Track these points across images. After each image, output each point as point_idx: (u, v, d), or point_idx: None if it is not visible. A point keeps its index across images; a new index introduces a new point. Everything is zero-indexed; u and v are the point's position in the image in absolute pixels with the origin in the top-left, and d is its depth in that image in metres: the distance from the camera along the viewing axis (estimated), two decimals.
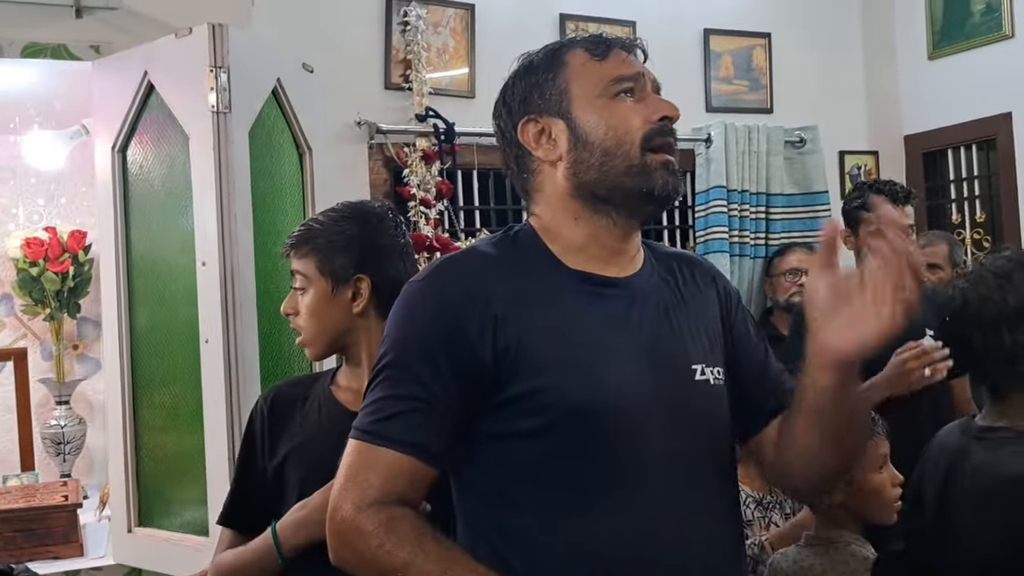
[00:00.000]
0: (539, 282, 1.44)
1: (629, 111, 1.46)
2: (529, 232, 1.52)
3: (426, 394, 1.36)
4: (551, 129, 1.48)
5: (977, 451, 1.80)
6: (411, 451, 1.36)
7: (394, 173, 4.22)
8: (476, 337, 1.37)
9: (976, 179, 5.09)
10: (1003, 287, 1.78)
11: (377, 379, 1.41)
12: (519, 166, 1.54)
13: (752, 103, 5.06)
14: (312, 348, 1.95)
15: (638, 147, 1.44)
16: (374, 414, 1.39)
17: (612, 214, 1.47)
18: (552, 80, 1.49)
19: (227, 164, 2.68)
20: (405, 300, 1.45)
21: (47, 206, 3.75)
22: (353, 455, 1.39)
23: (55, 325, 3.63)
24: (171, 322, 2.82)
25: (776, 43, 5.10)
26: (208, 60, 2.69)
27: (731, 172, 4.74)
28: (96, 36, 3.23)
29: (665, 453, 1.39)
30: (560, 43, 1.55)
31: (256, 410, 1.98)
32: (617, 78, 1.47)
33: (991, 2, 4.78)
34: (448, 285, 1.43)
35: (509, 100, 1.54)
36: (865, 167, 5.29)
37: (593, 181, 1.45)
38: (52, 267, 3.54)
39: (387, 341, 1.43)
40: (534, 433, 1.37)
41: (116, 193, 2.93)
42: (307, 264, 1.92)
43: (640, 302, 1.48)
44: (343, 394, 1.93)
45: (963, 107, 4.94)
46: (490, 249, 1.50)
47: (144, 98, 2.87)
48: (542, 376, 1.37)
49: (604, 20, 4.65)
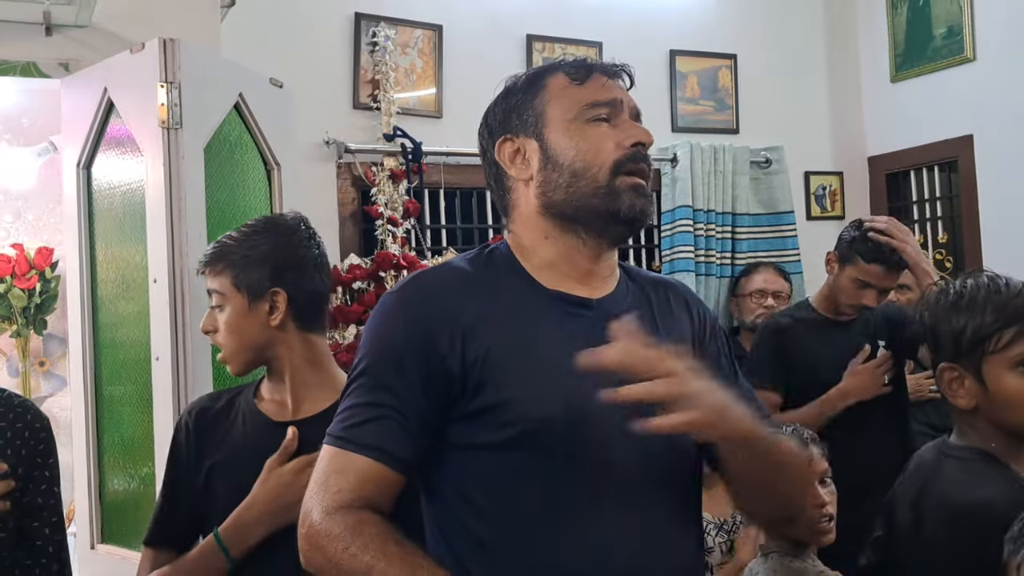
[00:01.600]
0: (511, 298, 1.48)
1: (602, 136, 1.49)
2: (504, 250, 1.56)
3: (397, 402, 1.41)
4: (525, 149, 1.53)
5: (946, 470, 1.79)
6: (381, 457, 1.40)
7: (362, 192, 4.25)
8: (446, 348, 1.41)
9: (938, 200, 5.16)
10: (934, 313, 1.82)
11: (351, 387, 1.46)
12: (497, 184, 1.60)
13: (718, 123, 5.11)
14: (233, 364, 1.95)
15: (608, 171, 1.47)
16: (346, 420, 1.43)
17: (581, 233, 1.51)
18: (530, 102, 1.54)
19: (178, 180, 2.68)
20: (379, 311, 1.49)
21: (14, 223, 3.75)
22: (325, 460, 1.43)
23: (21, 342, 3.63)
24: (132, 340, 2.82)
25: (742, 64, 5.17)
26: (159, 75, 2.69)
27: (697, 192, 4.79)
28: (65, 53, 3.24)
29: (625, 470, 1.42)
30: (545, 67, 1.58)
31: (180, 425, 1.97)
32: (592, 103, 1.50)
33: (953, 26, 4.86)
34: (420, 298, 1.47)
35: (491, 120, 1.59)
36: (830, 188, 5.35)
37: (561, 201, 1.49)
38: (19, 284, 3.54)
39: (361, 350, 1.47)
40: (499, 446, 1.40)
41: (81, 210, 2.94)
42: (223, 281, 1.92)
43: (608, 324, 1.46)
44: (267, 406, 1.93)
45: (925, 129, 5.03)
46: (464, 265, 1.54)
47: (105, 115, 2.88)
48: (507, 390, 1.40)
49: (571, 41, 4.70)
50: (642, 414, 1.39)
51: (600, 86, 1.53)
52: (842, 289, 3.10)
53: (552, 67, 1.57)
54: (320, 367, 1.96)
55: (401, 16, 4.33)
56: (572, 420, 1.40)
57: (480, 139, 1.62)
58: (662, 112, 4.98)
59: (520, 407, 1.39)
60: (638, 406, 1.37)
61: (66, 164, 3.02)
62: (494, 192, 1.62)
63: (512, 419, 1.39)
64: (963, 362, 1.76)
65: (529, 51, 4.60)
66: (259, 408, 1.93)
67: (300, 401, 1.92)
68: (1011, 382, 1.72)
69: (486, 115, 1.61)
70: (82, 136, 2.92)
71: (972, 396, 1.76)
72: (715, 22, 5.14)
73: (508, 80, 1.60)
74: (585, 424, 1.40)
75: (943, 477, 1.77)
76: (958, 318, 1.77)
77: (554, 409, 1.39)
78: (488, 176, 1.62)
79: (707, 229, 4.79)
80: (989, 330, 1.73)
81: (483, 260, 1.55)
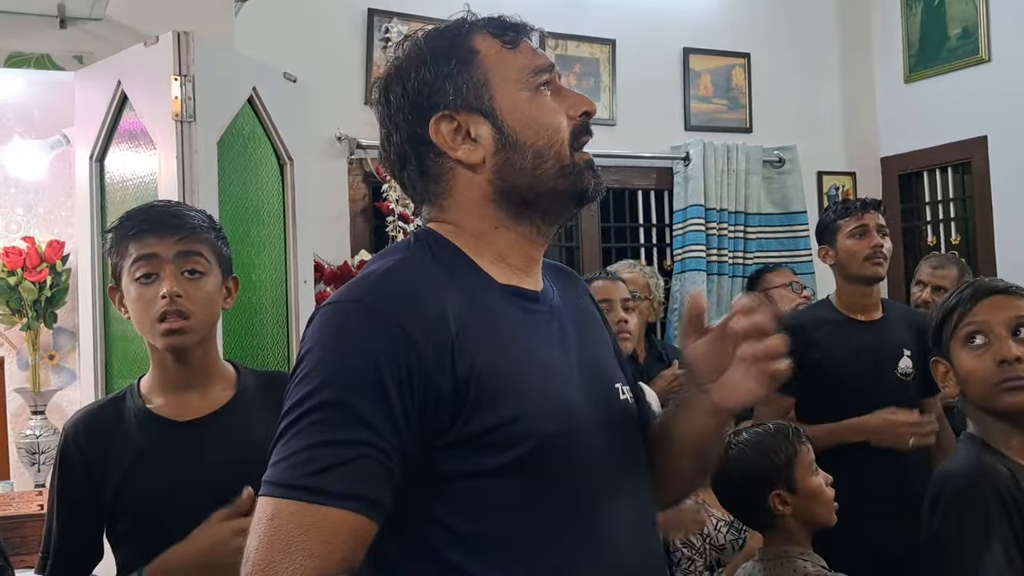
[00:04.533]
0: (476, 299, 1.26)
1: (553, 108, 1.33)
2: (443, 242, 1.33)
3: (374, 438, 1.13)
4: (470, 127, 1.31)
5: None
6: (362, 507, 1.12)
7: (373, 188, 4.25)
8: (433, 364, 1.16)
9: (951, 201, 5.15)
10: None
11: (302, 423, 1.14)
12: (421, 169, 1.34)
13: (731, 122, 5.10)
14: (193, 336, 1.81)
15: (567, 147, 1.33)
16: (305, 465, 1.11)
17: (537, 220, 1.34)
18: (465, 71, 1.31)
19: (191, 173, 2.68)
20: (336, 324, 1.20)
21: (26, 216, 3.74)
22: (279, 519, 1.11)
23: (31, 335, 3.62)
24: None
25: (755, 63, 5.15)
26: (173, 68, 2.70)
27: (709, 191, 4.78)
28: (79, 46, 3.25)
29: (614, 478, 1.30)
30: (459, 26, 1.36)
31: (66, 443, 1.84)
32: (535, 69, 1.33)
33: (967, 26, 4.85)
34: (395, 303, 1.19)
35: (411, 90, 1.32)
36: (843, 188, 5.33)
37: (524, 186, 1.31)
38: (30, 276, 3.54)
39: (316, 374, 1.16)
40: (501, 469, 1.20)
41: (94, 202, 2.94)
42: (207, 250, 1.85)
43: (559, 318, 1.36)
44: (160, 407, 1.85)
45: (939, 130, 5.01)
46: (417, 260, 1.30)
47: (119, 107, 2.88)
48: (509, 406, 1.20)
49: (583, 38, 4.70)
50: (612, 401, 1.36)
51: (531, 50, 1.36)
52: (851, 259, 3.07)
53: (470, 27, 1.35)
54: (219, 359, 1.93)
55: (414, 12, 4.31)
56: (572, 428, 1.25)
57: (390, 116, 1.35)
58: (675, 110, 4.98)
59: (528, 423, 1.20)
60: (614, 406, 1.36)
61: (79, 157, 3.02)
62: (411, 178, 1.36)
63: (519, 438, 1.20)
64: (943, 352, 1.89)
65: (543, 48, 4.58)
66: (151, 410, 1.83)
67: (204, 396, 1.85)
68: (964, 359, 1.85)
69: (400, 84, 1.34)
70: (95, 129, 2.92)
71: (954, 384, 1.88)
72: (729, 21, 5.13)
73: (414, 42, 1.36)
74: (579, 429, 1.26)
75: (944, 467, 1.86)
76: (938, 313, 1.92)
77: (559, 420, 1.24)
78: (403, 159, 1.35)
79: (719, 228, 4.78)
80: (950, 315, 1.88)
81: (429, 256, 1.30)
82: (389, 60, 1.37)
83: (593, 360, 1.37)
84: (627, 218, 5.04)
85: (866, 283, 3.10)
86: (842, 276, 3.15)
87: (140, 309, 1.82)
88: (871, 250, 3.04)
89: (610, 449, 1.30)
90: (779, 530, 2.20)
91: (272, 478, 1.14)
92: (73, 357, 3.67)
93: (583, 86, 4.71)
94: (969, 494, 1.70)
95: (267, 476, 1.15)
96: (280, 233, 3.06)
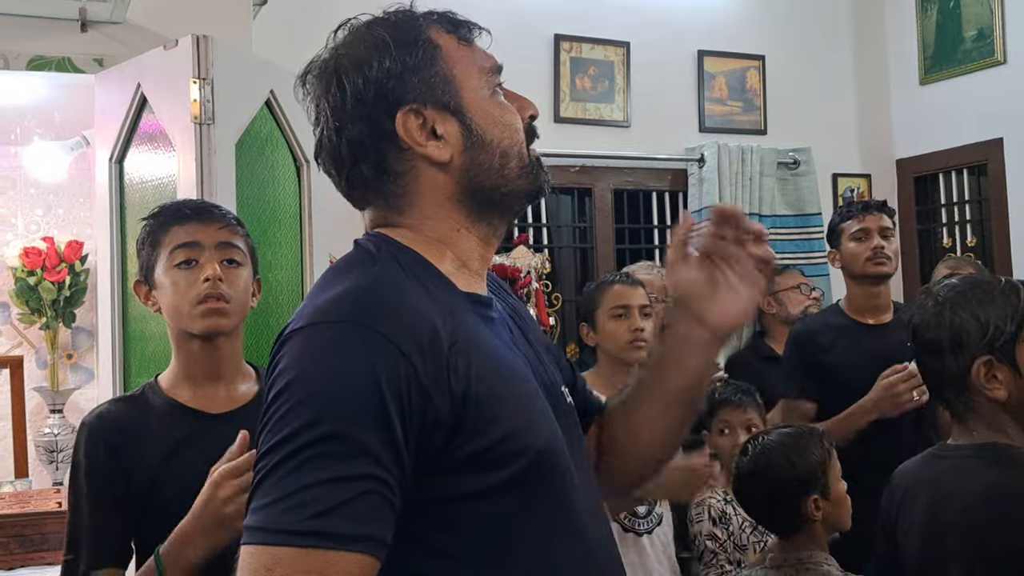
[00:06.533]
0: (453, 311, 1.18)
1: (510, 107, 1.30)
2: (405, 250, 1.24)
3: (378, 470, 1.03)
4: (436, 124, 1.24)
5: (944, 475, 1.82)
6: (369, 548, 1.03)
7: None
8: (431, 384, 1.08)
9: (967, 204, 5.14)
10: (940, 314, 1.81)
11: (296, 458, 1.03)
12: (379, 164, 1.25)
13: (746, 124, 5.11)
14: (231, 320, 1.86)
15: (525, 147, 1.30)
16: (307, 507, 1.00)
17: (495, 220, 1.30)
18: (430, 65, 1.25)
19: (209, 175, 2.71)
20: (330, 347, 1.09)
21: (45, 216, 3.78)
22: (281, 570, 1.00)
23: (50, 334, 3.65)
24: (161, 333, 2.83)
25: (770, 65, 5.16)
26: (192, 71, 2.73)
27: (724, 192, 4.78)
28: (100, 49, 3.29)
29: (579, 480, 1.24)
30: (412, 16, 1.29)
31: (93, 444, 1.81)
32: (492, 69, 1.30)
33: (983, 28, 4.84)
34: (390, 323, 1.09)
35: (374, 80, 1.23)
36: (858, 190, 5.33)
37: (491, 185, 1.26)
38: (49, 276, 3.57)
39: (310, 404, 1.05)
40: (494, 490, 1.13)
41: (113, 204, 2.97)
42: (243, 244, 1.92)
43: (507, 323, 1.32)
44: (190, 399, 1.86)
45: (954, 132, 5.00)
46: (395, 274, 1.19)
47: (138, 110, 2.92)
48: (501, 423, 1.13)
49: (598, 40, 4.72)
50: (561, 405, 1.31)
51: (483, 49, 1.32)
52: (853, 261, 3.12)
53: (423, 17, 1.29)
54: (243, 355, 1.96)
55: None
56: (553, 439, 1.20)
57: (344, 107, 1.24)
58: (690, 112, 4.98)
59: (522, 439, 1.14)
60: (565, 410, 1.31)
61: (99, 158, 3.06)
62: (363, 176, 1.26)
63: (515, 454, 1.13)
64: (997, 353, 1.76)
65: (556, 50, 4.61)
66: (182, 403, 1.85)
67: (229, 391, 1.88)
68: None
69: (349, 75, 1.24)
70: (115, 131, 2.96)
71: (1008, 386, 1.76)
72: (743, 23, 5.13)
73: (366, 30, 1.27)
74: (556, 438, 1.21)
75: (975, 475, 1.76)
76: (983, 311, 1.77)
77: (545, 432, 1.19)
78: (356, 154, 1.25)
79: None
80: (1021, 315, 1.75)
81: (397, 266, 1.21)
82: (328, 45, 1.30)
83: (541, 365, 1.32)
84: (641, 219, 5.05)
85: (871, 283, 3.13)
86: (849, 278, 3.20)
87: (177, 294, 1.84)
88: (872, 251, 3.08)
89: (571, 452, 1.25)
90: (804, 534, 2.19)
91: (265, 523, 1.02)
92: (91, 356, 3.71)
93: (598, 88, 4.73)
94: None
95: (257, 521, 1.03)
96: (296, 234, 3.08)
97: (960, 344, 1.78)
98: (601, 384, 2.82)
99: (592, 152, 4.72)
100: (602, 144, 4.77)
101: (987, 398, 1.76)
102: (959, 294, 1.81)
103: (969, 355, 1.78)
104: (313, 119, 1.30)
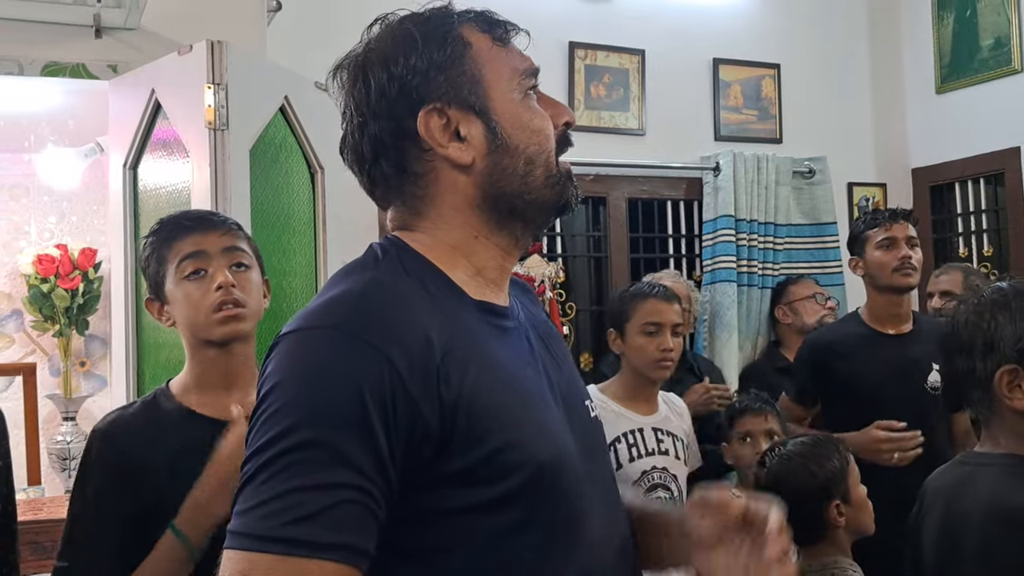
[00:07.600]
0: (456, 319, 1.15)
1: (542, 114, 1.26)
2: (414, 255, 1.22)
3: (359, 479, 1.02)
4: (460, 125, 1.20)
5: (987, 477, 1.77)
6: (346, 557, 1.00)
7: None
8: (419, 394, 1.05)
9: (984, 213, 5.11)
10: (980, 314, 1.77)
11: (275, 465, 1.01)
12: (400, 163, 1.22)
13: (761, 133, 5.08)
14: (249, 323, 1.87)
15: (554, 156, 1.25)
16: (283, 514, 0.99)
17: (517, 230, 1.26)
18: (458, 63, 1.21)
19: (223, 181, 2.71)
20: (315, 353, 1.07)
21: (59, 224, 3.78)
22: (257, 573, 0.99)
23: (63, 341, 3.65)
24: (174, 341, 2.82)
25: (785, 74, 5.13)
26: (206, 76, 2.73)
27: (739, 201, 4.74)
28: (114, 55, 3.29)
29: (590, 493, 1.20)
30: (447, 14, 1.25)
31: (105, 450, 1.80)
32: (526, 71, 1.26)
33: (1000, 37, 4.81)
34: (379, 329, 1.07)
35: (399, 77, 1.20)
36: (873, 199, 5.30)
37: (513, 192, 1.22)
38: (62, 284, 3.57)
39: (291, 410, 1.03)
40: (489, 504, 1.10)
41: (127, 210, 2.97)
42: (247, 246, 1.92)
43: (527, 334, 1.28)
44: (203, 407, 1.85)
45: (971, 141, 4.97)
46: (393, 278, 1.17)
47: (152, 116, 2.92)
48: (497, 435, 1.09)
49: (614, 48, 4.70)
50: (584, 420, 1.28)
51: (520, 51, 1.27)
52: (880, 270, 3.08)
53: (459, 16, 1.24)
54: (256, 362, 1.93)
55: None
56: (560, 453, 1.16)
57: (368, 103, 1.22)
58: (705, 121, 4.96)
59: (521, 452, 1.10)
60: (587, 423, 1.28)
61: (113, 164, 3.06)
62: (384, 174, 1.23)
63: (512, 468, 1.09)
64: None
65: (571, 58, 4.59)
66: (195, 410, 1.84)
67: (243, 398, 1.83)
68: None
69: (373, 70, 1.21)
70: (129, 137, 2.96)
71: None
72: (759, 31, 5.12)
73: (396, 26, 1.24)
74: (566, 453, 1.17)
75: (985, 485, 1.74)
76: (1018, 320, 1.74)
77: (550, 446, 1.14)
78: (378, 152, 1.22)
79: (749, 239, 4.74)
80: None
81: (401, 271, 1.18)
82: (362, 41, 1.27)
83: (563, 378, 1.29)
84: (656, 228, 5.02)
85: (896, 293, 3.09)
86: (872, 287, 3.15)
87: (191, 306, 1.84)
88: (899, 261, 3.04)
89: (586, 467, 1.21)
90: (827, 541, 2.19)
91: (243, 529, 1.01)
92: (104, 364, 3.71)
93: (613, 96, 4.71)
94: None
95: (235, 527, 1.02)
96: (311, 241, 3.07)
97: (992, 347, 1.75)
98: (623, 392, 2.82)
99: (607, 160, 4.70)
100: (616, 152, 4.75)
101: (1007, 407, 1.73)
102: (1004, 297, 1.77)
103: (997, 360, 1.74)
104: (340, 114, 1.28)
